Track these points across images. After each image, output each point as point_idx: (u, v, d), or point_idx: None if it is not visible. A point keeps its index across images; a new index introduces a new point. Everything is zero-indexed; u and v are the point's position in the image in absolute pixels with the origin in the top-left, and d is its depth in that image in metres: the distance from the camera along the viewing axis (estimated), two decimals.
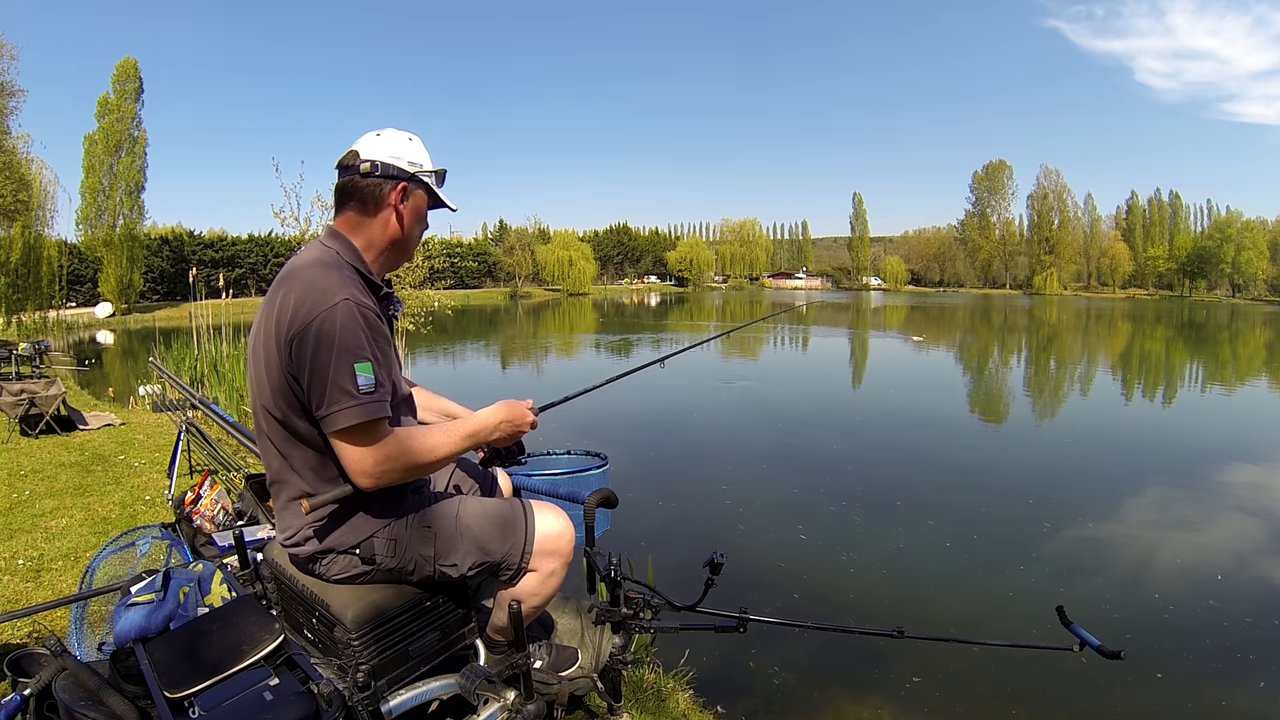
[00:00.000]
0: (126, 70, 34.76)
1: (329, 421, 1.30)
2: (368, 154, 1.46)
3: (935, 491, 6.27)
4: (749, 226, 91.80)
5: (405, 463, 1.35)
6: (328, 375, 1.28)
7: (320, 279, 1.33)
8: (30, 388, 6.37)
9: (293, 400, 1.35)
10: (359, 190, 1.46)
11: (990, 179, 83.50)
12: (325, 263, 1.38)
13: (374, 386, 1.31)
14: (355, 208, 1.47)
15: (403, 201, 1.48)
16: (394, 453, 1.34)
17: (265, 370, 1.37)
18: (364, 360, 1.30)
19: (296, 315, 1.30)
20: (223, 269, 36.45)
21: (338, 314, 1.29)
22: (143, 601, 1.54)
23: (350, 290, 1.33)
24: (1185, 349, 23.13)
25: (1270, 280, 74.37)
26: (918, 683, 3.26)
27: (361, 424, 1.29)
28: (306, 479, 1.41)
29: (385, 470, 1.33)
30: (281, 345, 1.32)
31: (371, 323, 1.35)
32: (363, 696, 1.33)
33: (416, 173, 1.49)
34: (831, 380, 14.78)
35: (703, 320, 33.23)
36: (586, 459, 2.43)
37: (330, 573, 1.46)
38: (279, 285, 1.38)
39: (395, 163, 1.46)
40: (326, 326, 1.29)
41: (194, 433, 3.93)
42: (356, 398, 1.28)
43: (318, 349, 1.28)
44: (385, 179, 1.45)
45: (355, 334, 1.30)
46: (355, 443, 1.31)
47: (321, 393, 1.29)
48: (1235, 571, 4.64)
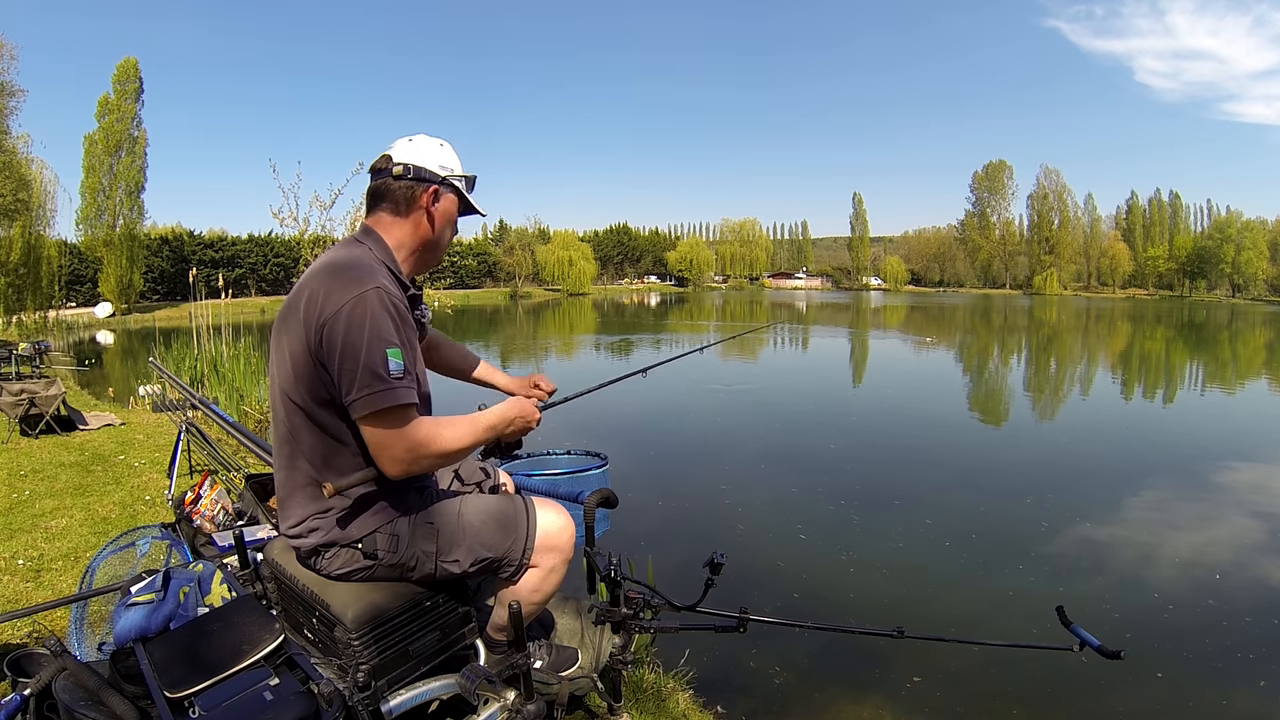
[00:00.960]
0: (126, 70, 34.79)
1: (360, 405, 1.31)
2: (400, 158, 1.50)
3: (934, 491, 6.26)
4: (749, 226, 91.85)
5: (433, 449, 1.37)
6: (359, 359, 1.30)
7: (353, 268, 1.37)
8: (30, 388, 6.37)
9: (318, 387, 1.36)
10: (391, 192, 1.50)
11: (990, 179, 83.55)
12: (357, 256, 1.43)
13: (404, 372, 1.33)
14: (388, 209, 1.52)
15: (434, 204, 1.52)
16: (424, 439, 1.35)
17: (291, 357, 1.38)
18: (395, 346, 1.33)
19: (329, 301, 1.32)
20: (223, 269, 36.41)
21: (370, 300, 1.32)
22: (143, 601, 1.54)
23: (381, 280, 1.37)
24: (1185, 349, 23.13)
25: (1270, 280, 74.40)
26: (918, 683, 3.26)
27: (393, 408, 1.31)
28: (318, 467, 1.42)
29: (416, 457, 1.35)
30: (312, 332, 1.34)
31: (401, 312, 1.39)
32: (363, 696, 1.33)
33: (448, 177, 1.53)
34: (829, 380, 14.78)
35: (703, 320, 33.22)
36: (586, 459, 2.43)
37: (332, 568, 1.47)
38: (311, 275, 1.42)
39: (427, 166, 1.51)
40: (359, 311, 1.31)
41: (194, 433, 3.93)
42: (388, 381, 1.30)
43: (349, 333, 1.30)
44: (417, 182, 1.50)
45: (386, 320, 1.33)
46: (387, 427, 1.32)
47: (352, 377, 1.30)
48: (1235, 571, 4.64)
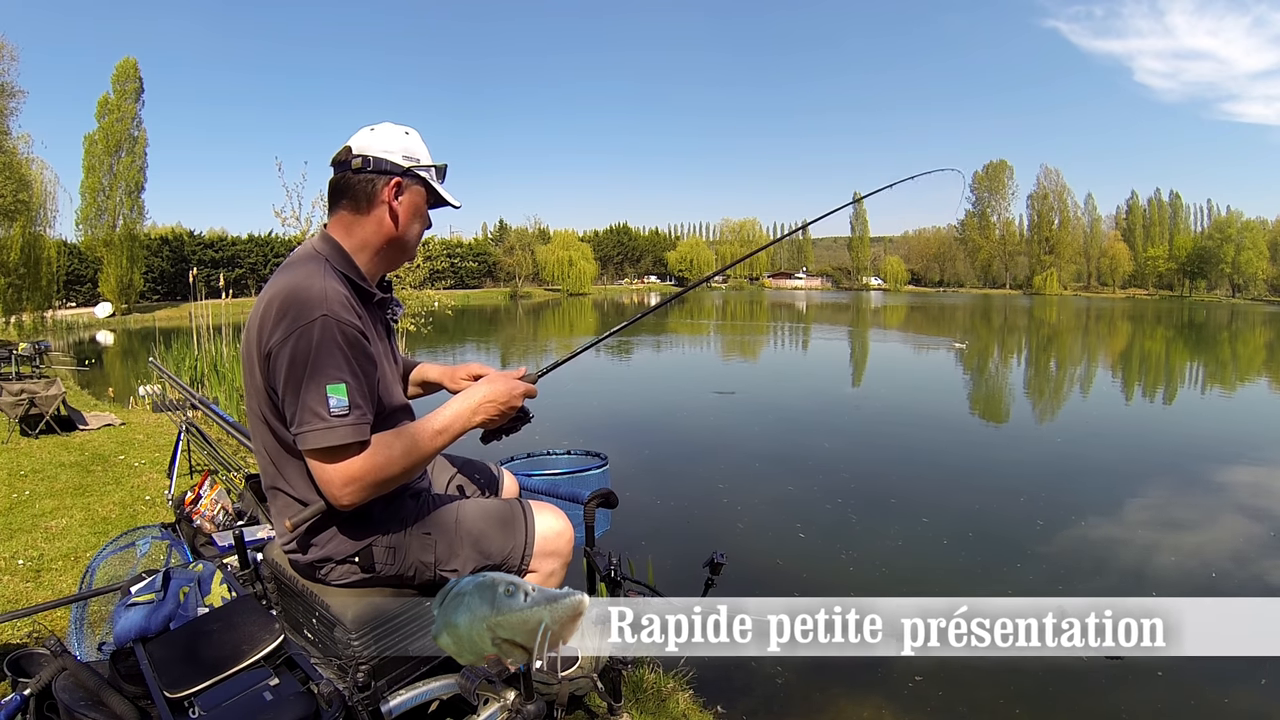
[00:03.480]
0: (126, 70, 34.80)
1: (300, 441, 1.29)
2: (360, 149, 1.41)
3: (931, 490, 6.28)
4: (749, 226, 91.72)
5: (375, 479, 1.31)
6: (299, 395, 1.26)
7: (301, 290, 1.29)
8: (30, 388, 6.36)
9: (277, 410, 1.34)
10: (351, 187, 1.41)
11: (990, 179, 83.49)
12: (310, 272, 1.33)
13: (347, 409, 1.26)
14: (348, 205, 1.43)
15: (397, 197, 1.42)
16: (362, 472, 1.30)
17: (251, 378, 1.36)
18: (337, 382, 1.26)
19: (276, 329, 1.28)
20: (223, 269, 36.40)
21: (314, 332, 1.25)
22: (143, 601, 1.54)
23: (331, 306, 1.28)
24: (1185, 349, 23.14)
25: (1270, 280, 74.38)
26: (918, 683, 3.26)
27: (329, 448, 1.27)
28: (296, 488, 1.40)
29: (354, 490, 1.30)
30: (260, 358, 1.31)
31: (351, 339, 1.29)
32: (363, 696, 1.33)
33: (412, 167, 1.43)
34: (827, 379, 14.78)
35: (702, 320, 33.22)
36: (587, 459, 2.43)
37: (330, 579, 1.46)
38: (264, 292, 1.36)
39: (389, 157, 1.40)
40: (301, 344, 1.25)
41: (194, 433, 3.93)
42: (326, 420, 1.25)
43: (291, 367, 1.26)
44: (378, 174, 1.40)
45: (330, 353, 1.26)
46: (326, 463, 1.29)
47: (294, 411, 1.28)
48: (1234, 571, 4.64)
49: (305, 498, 1.39)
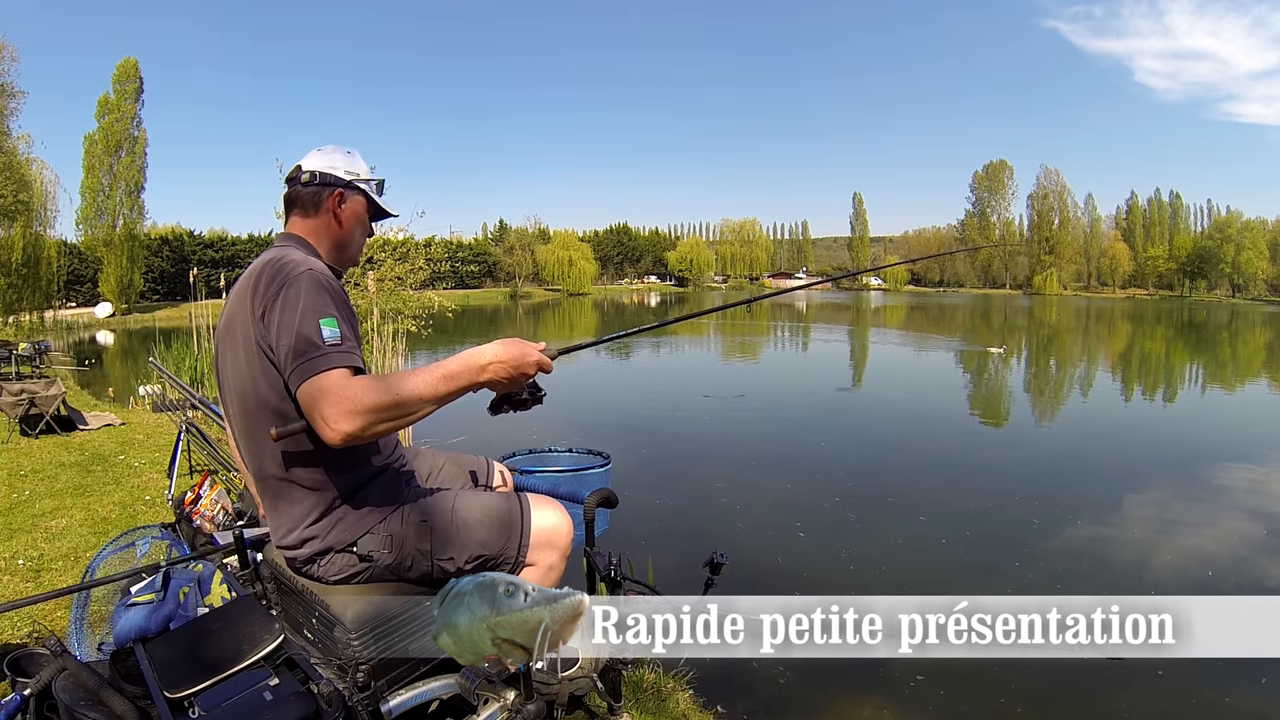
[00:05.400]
0: (126, 70, 34.81)
1: (295, 376, 1.29)
2: (309, 166, 1.62)
3: (930, 490, 6.28)
4: (749, 226, 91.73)
5: (368, 404, 1.25)
6: (294, 331, 1.33)
7: (285, 257, 1.45)
8: (30, 388, 6.37)
9: (274, 378, 1.39)
10: (301, 198, 1.62)
11: (990, 179, 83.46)
12: (289, 249, 1.51)
13: (339, 339, 1.33)
14: (299, 213, 1.63)
15: (340, 206, 1.62)
16: (356, 395, 1.26)
17: (242, 356, 1.42)
18: (329, 316, 1.35)
19: (268, 289, 1.38)
20: (223, 269, 36.36)
21: (303, 279, 1.38)
22: (143, 601, 1.54)
23: (314, 264, 1.44)
24: (1185, 349, 23.14)
25: (1270, 280, 74.32)
26: (918, 682, 3.26)
27: (324, 372, 1.28)
28: (285, 464, 1.43)
29: (350, 416, 1.24)
30: (255, 321, 1.39)
31: (336, 290, 1.42)
32: (363, 696, 1.33)
33: (353, 180, 1.63)
34: (826, 379, 14.77)
35: (702, 319, 33.21)
36: (588, 458, 2.43)
37: (329, 573, 1.47)
38: (245, 277, 1.49)
39: (333, 171, 1.61)
40: (292, 291, 1.36)
41: (194, 433, 3.93)
42: (321, 348, 1.31)
43: (284, 310, 1.35)
44: (323, 186, 1.61)
45: (320, 294, 1.37)
46: (318, 391, 1.27)
47: (288, 350, 1.32)
48: (1233, 570, 4.64)
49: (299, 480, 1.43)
